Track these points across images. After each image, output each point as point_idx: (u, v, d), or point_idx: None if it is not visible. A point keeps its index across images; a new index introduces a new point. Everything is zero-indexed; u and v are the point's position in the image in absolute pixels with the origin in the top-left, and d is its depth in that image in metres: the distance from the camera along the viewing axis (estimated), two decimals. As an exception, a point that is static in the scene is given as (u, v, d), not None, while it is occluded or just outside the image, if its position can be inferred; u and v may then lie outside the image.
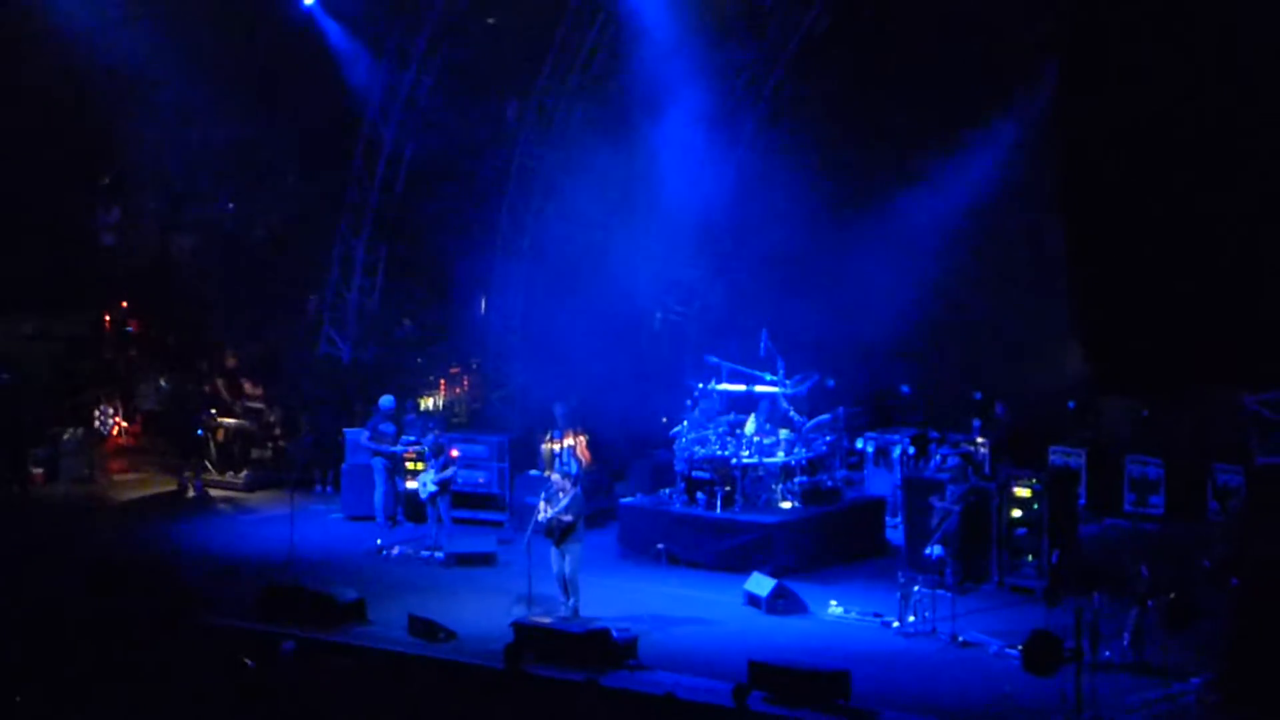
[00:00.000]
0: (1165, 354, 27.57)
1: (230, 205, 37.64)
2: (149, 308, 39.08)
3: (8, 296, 36.13)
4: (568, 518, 26.22)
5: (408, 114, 36.22)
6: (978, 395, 33.30)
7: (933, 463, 29.82)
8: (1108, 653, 24.05)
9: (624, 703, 22.81)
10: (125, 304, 39.08)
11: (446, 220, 36.73)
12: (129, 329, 39.25)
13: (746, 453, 30.21)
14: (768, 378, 31.26)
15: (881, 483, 32.56)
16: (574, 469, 28.38)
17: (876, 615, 26.61)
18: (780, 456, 30.23)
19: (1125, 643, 24.20)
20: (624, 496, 31.51)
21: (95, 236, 38.68)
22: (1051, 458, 31.62)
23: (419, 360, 36.94)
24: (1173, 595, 24.20)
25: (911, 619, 25.94)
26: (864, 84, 33.95)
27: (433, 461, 30.09)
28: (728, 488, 29.96)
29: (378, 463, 31.75)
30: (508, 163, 36.31)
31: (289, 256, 37.06)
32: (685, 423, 30.95)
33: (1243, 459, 29.26)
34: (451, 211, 36.74)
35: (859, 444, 32.88)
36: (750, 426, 30.70)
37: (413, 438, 31.73)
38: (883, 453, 32.77)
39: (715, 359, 31.62)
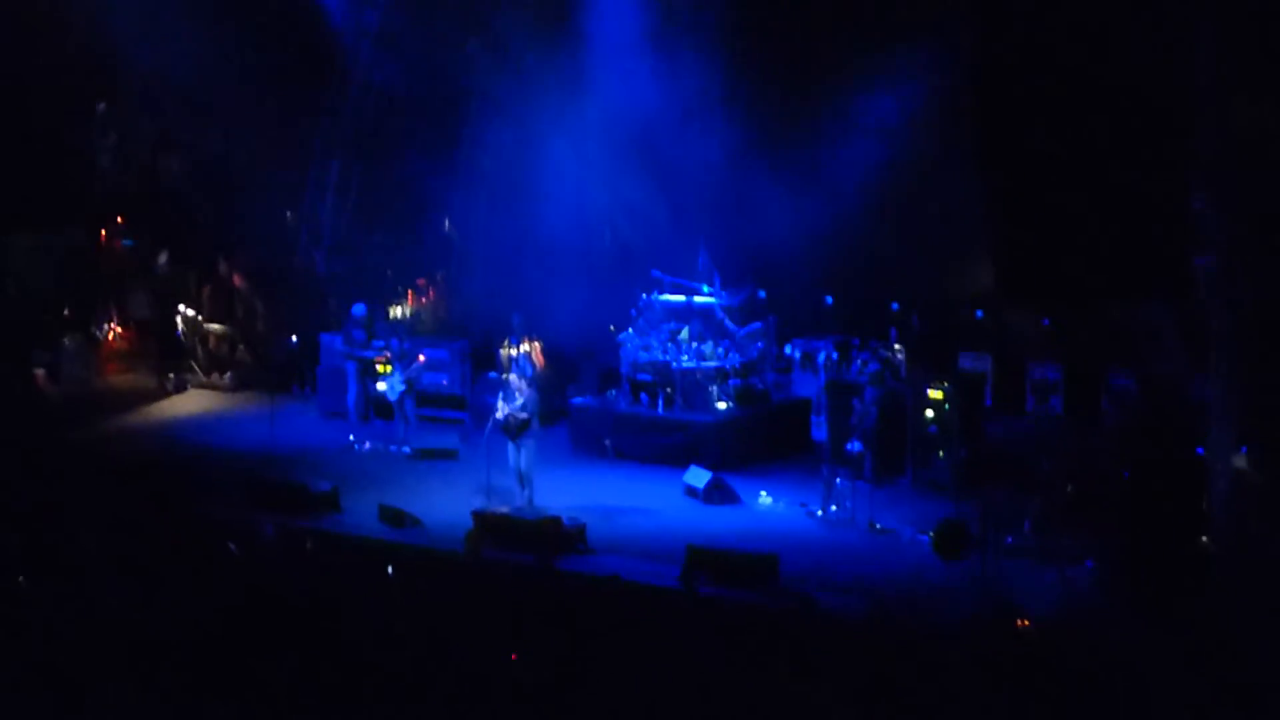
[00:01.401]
0: (1067, 267, 27.64)
1: (215, 130, 37.24)
2: (142, 223, 38.75)
3: (9, 212, 35.77)
4: (523, 416, 26.22)
5: (377, 47, 36.01)
6: (895, 305, 33.32)
7: (854, 367, 29.87)
8: (1010, 539, 24.20)
9: (574, 584, 22.89)
10: (120, 219, 38.71)
11: (414, 143, 36.49)
12: (124, 242, 38.91)
13: (685, 358, 30.26)
14: (705, 289, 31.28)
15: (807, 385, 32.54)
16: (529, 371, 28.25)
17: (802, 505, 26.74)
18: (715, 361, 30.26)
19: (1026, 529, 24.36)
20: (574, 397, 31.50)
21: (93, 157, 38.26)
22: (961, 362, 31.68)
23: (388, 272, 36.76)
24: (1069, 487, 24.39)
25: (834, 508, 26.08)
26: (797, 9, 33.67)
27: (399, 365, 30.01)
28: (668, 390, 30.01)
29: (350, 365, 31.64)
30: (468, 91, 36.08)
31: (269, 177, 36.74)
32: (630, 330, 30.98)
33: (1134, 365, 29.38)
34: (418, 135, 36.49)
35: (787, 350, 32.89)
36: (688, 334, 30.72)
37: (382, 343, 31.63)
38: (808, 358, 32.76)
39: (658, 272, 31.60)
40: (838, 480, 26.11)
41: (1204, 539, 21.98)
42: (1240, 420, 21.62)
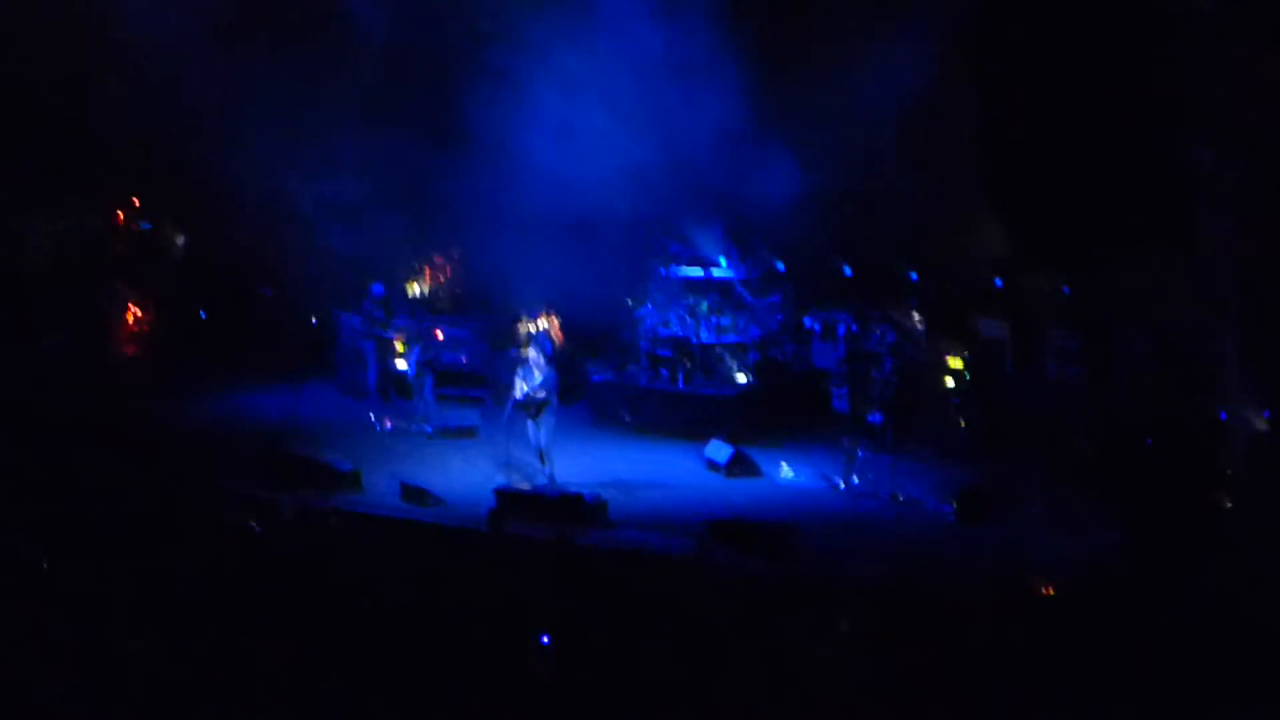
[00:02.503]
0: (1083, 230, 27.72)
1: (231, 109, 37.27)
2: (160, 205, 38.84)
3: (25, 193, 35.88)
4: (542, 393, 26.37)
5: (393, 20, 36.03)
6: (914, 275, 33.33)
7: (873, 338, 29.93)
8: (1033, 505, 24.31)
9: (597, 559, 23.00)
10: (136, 201, 38.82)
11: (429, 119, 36.51)
12: (140, 225, 39.03)
13: (704, 332, 30.35)
14: (723, 262, 31.35)
15: (827, 357, 32.63)
16: (548, 348, 28.44)
17: (824, 477, 26.87)
18: (735, 335, 30.34)
19: (1048, 495, 24.45)
20: (594, 373, 31.60)
21: (107, 138, 38.33)
22: (980, 330, 31.69)
23: (406, 250, 36.82)
24: (1090, 453, 24.48)
25: (856, 480, 26.19)
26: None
27: (417, 345, 30.15)
28: (688, 364, 30.12)
29: (369, 344, 31.84)
30: (483, 65, 36.10)
31: (285, 156, 36.80)
32: (649, 305, 31.06)
33: (1154, 328, 29.43)
34: (432, 111, 36.50)
35: (806, 322, 32.94)
36: (706, 307, 30.81)
37: (401, 321, 31.80)
38: (828, 329, 32.83)
39: (675, 246, 31.70)
40: (859, 451, 26.21)
41: (1226, 501, 22.08)
42: (1261, 383, 21.70)
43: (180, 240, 38.00)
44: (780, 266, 32.94)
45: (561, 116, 33.69)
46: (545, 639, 18.67)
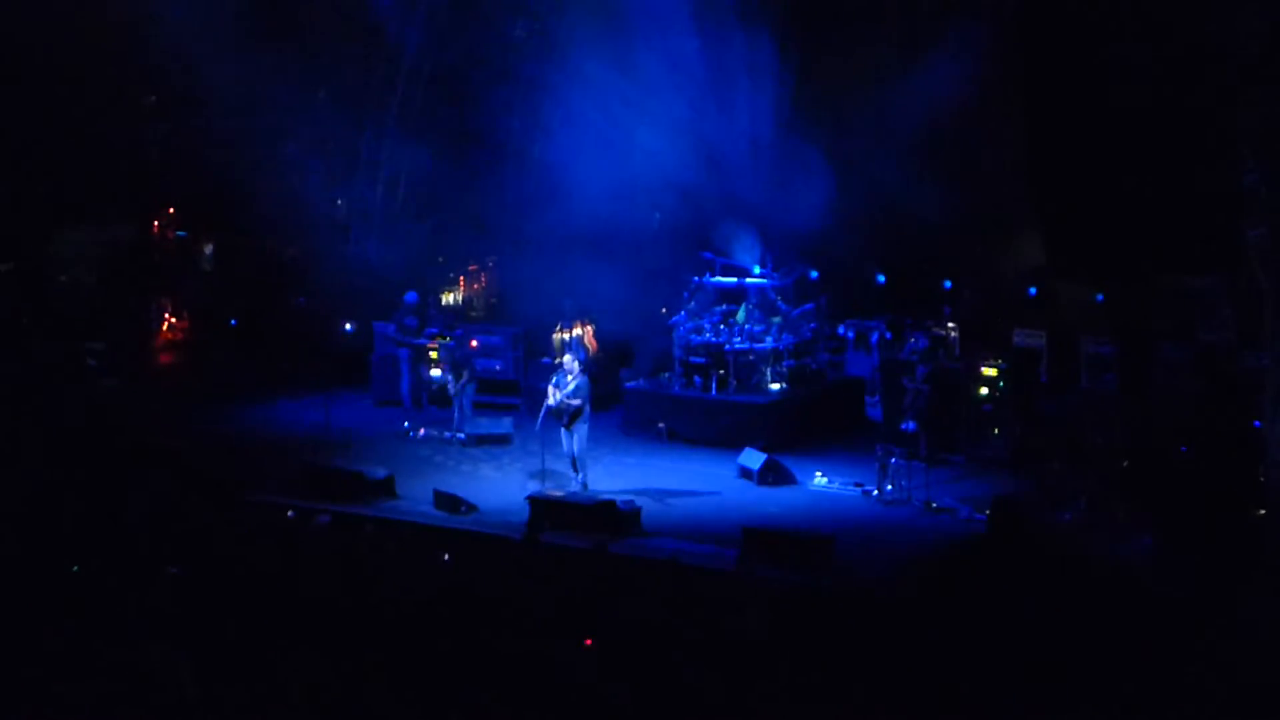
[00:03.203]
0: (1119, 241, 27.65)
1: (264, 119, 37.35)
2: (193, 214, 38.97)
3: (61, 204, 36.02)
4: (576, 401, 26.39)
5: (425, 31, 36.13)
6: (947, 283, 33.31)
7: (907, 346, 29.88)
8: (1068, 515, 24.25)
9: (631, 567, 22.99)
10: (171, 211, 38.96)
11: (462, 129, 36.59)
12: (176, 234, 39.17)
13: (738, 339, 30.36)
14: (756, 270, 31.38)
15: (861, 365, 32.70)
16: (582, 356, 28.47)
17: (858, 485, 26.82)
18: (769, 342, 30.34)
19: (1082, 505, 24.38)
20: (628, 380, 31.62)
21: (143, 150, 38.46)
22: (1015, 339, 31.63)
23: (440, 259, 36.91)
24: (1125, 463, 24.41)
25: (889, 488, 26.13)
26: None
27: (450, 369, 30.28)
28: (721, 371, 30.13)
29: (403, 353, 31.95)
30: (516, 75, 36.19)
31: (318, 166, 36.91)
32: (683, 313, 31.08)
33: (1188, 338, 29.35)
34: (467, 121, 36.58)
35: (840, 330, 32.99)
36: (741, 315, 30.83)
37: (435, 329, 31.89)
38: (862, 337, 32.88)
39: (709, 254, 31.74)
40: (893, 460, 26.17)
41: (1260, 511, 22.01)
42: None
43: (215, 250, 38.09)
44: (814, 275, 32.95)
45: (596, 126, 33.77)
46: (582, 645, 18.68)
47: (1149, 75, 25.43)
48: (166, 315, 37.84)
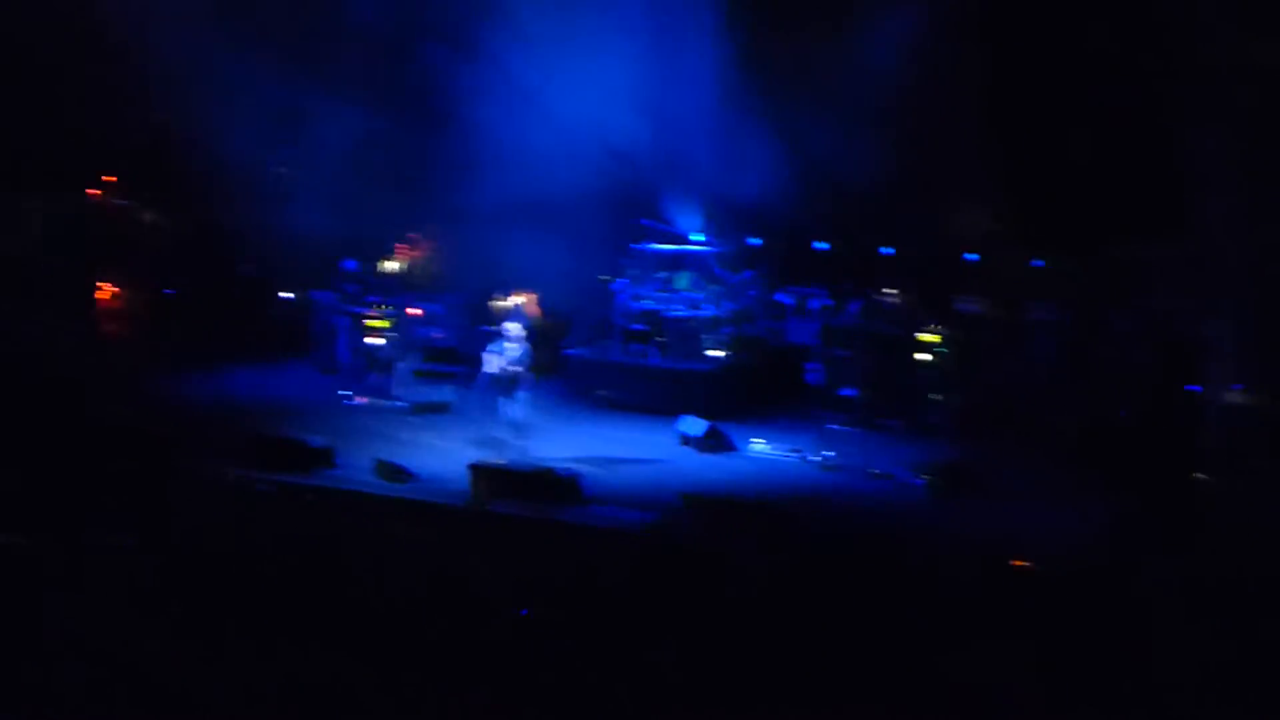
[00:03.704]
0: (1069, 209, 27.65)
1: (206, 87, 36.99)
2: (141, 185, 38.59)
3: (8, 174, 35.63)
4: (517, 368, 26.21)
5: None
6: (890, 250, 33.26)
7: (847, 312, 29.81)
8: (1011, 480, 24.24)
9: (572, 535, 22.88)
10: (113, 179, 38.55)
11: (407, 99, 36.33)
12: (117, 202, 38.77)
13: (678, 307, 30.25)
14: (698, 237, 31.25)
15: (801, 332, 32.57)
16: (523, 323, 28.27)
17: (798, 451, 26.74)
18: (709, 310, 30.25)
19: (1024, 471, 24.37)
20: (568, 348, 31.48)
21: (82, 120, 38.05)
22: (957, 306, 31.60)
23: (380, 226, 36.66)
24: (1067, 428, 24.40)
25: (830, 454, 26.06)
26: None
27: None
28: (662, 339, 30.02)
29: (343, 321, 31.71)
30: (456, 40, 35.90)
31: (259, 135, 36.59)
32: (623, 280, 30.96)
33: (1133, 306, 29.40)
34: (407, 88, 36.32)
35: (779, 297, 32.88)
36: (681, 282, 30.71)
37: (375, 298, 31.67)
38: (802, 304, 32.78)
39: (649, 221, 31.59)
40: (833, 426, 26.11)
41: (1201, 475, 22.01)
42: (1241, 358, 21.62)
43: (158, 219, 37.72)
44: (754, 242, 32.85)
45: (537, 93, 33.54)
46: (524, 613, 18.57)
47: (1094, 38, 25.37)
48: (107, 285, 37.44)
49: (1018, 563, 20.68)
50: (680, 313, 30.19)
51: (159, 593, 19.51)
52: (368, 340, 31.56)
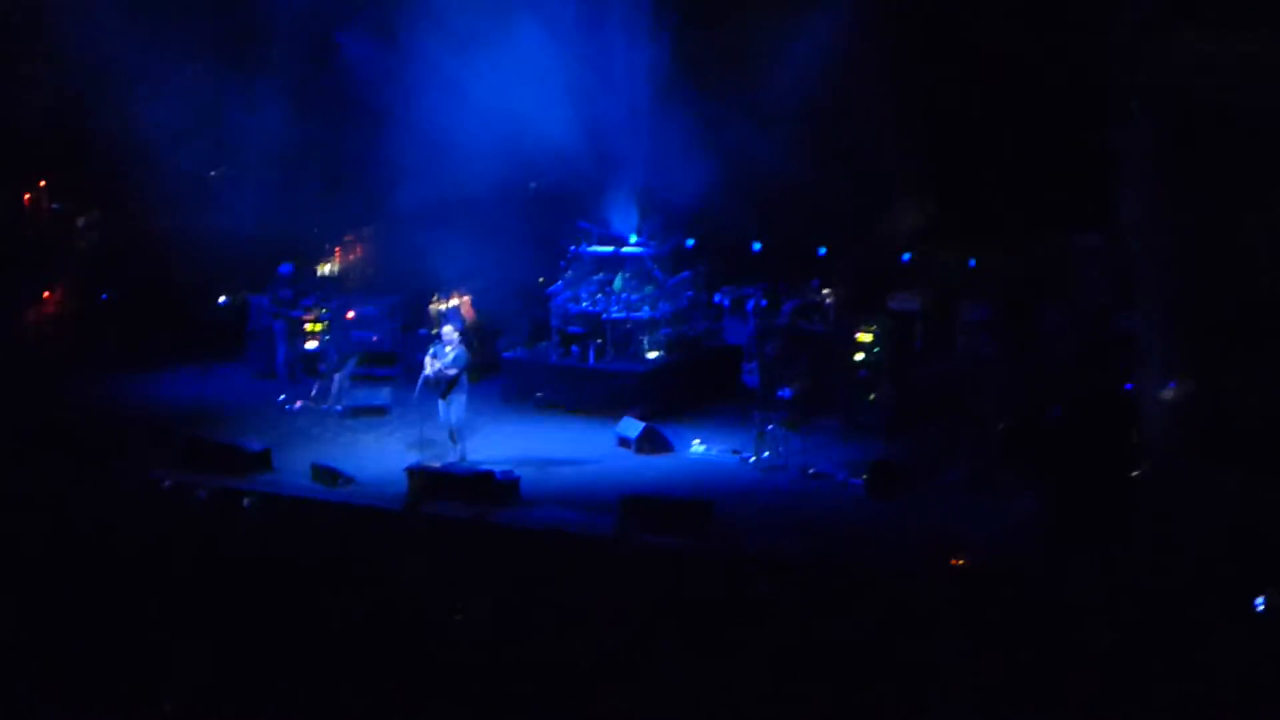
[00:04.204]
0: (995, 205, 27.75)
1: (140, 90, 36.77)
2: (69, 187, 38.30)
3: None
4: (453, 370, 26.15)
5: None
6: (822, 250, 33.34)
7: (783, 312, 29.84)
8: (946, 478, 24.31)
9: (511, 537, 22.84)
10: (44, 183, 38.25)
11: (336, 99, 36.20)
12: (51, 206, 38.48)
13: (615, 308, 30.22)
14: (633, 239, 31.22)
15: (737, 332, 32.65)
16: (459, 326, 28.23)
17: (735, 452, 26.75)
18: (646, 311, 30.21)
19: (959, 467, 24.42)
20: (505, 350, 31.42)
21: (18, 118, 37.76)
22: (890, 304, 31.70)
23: (315, 230, 36.51)
24: (1000, 425, 24.47)
25: (766, 454, 26.08)
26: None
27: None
28: (599, 340, 29.98)
29: (278, 325, 31.57)
30: (389, 42, 35.79)
31: (194, 136, 36.39)
32: (560, 282, 30.91)
33: (1063, 301, 29.53)
34: (340, 91, 36.19)
35: (716, 297, 32.91)
36: (618, 284, 30.68)
37: (310, 301, 31.55)
38: (738, 305, 32.84)
39: (586, 223, 31.56)
40: (770, 426, 26.12)
41: (1135, 471, 22.13)
42: (1167, 354, 21.74)
43: (91, 223, 37.44)
44: (690, 243, 32.85)
45: (472, 95, 33.43)
46: (459, 617, 18.53)
47: (1020, 41, 25.51)
48: (42, 289, 37.15)
49: (956, 561, 20.79)
50: (617, 314, 30.14)
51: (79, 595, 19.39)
52: (304, 344, 31.42)
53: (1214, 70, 20.86)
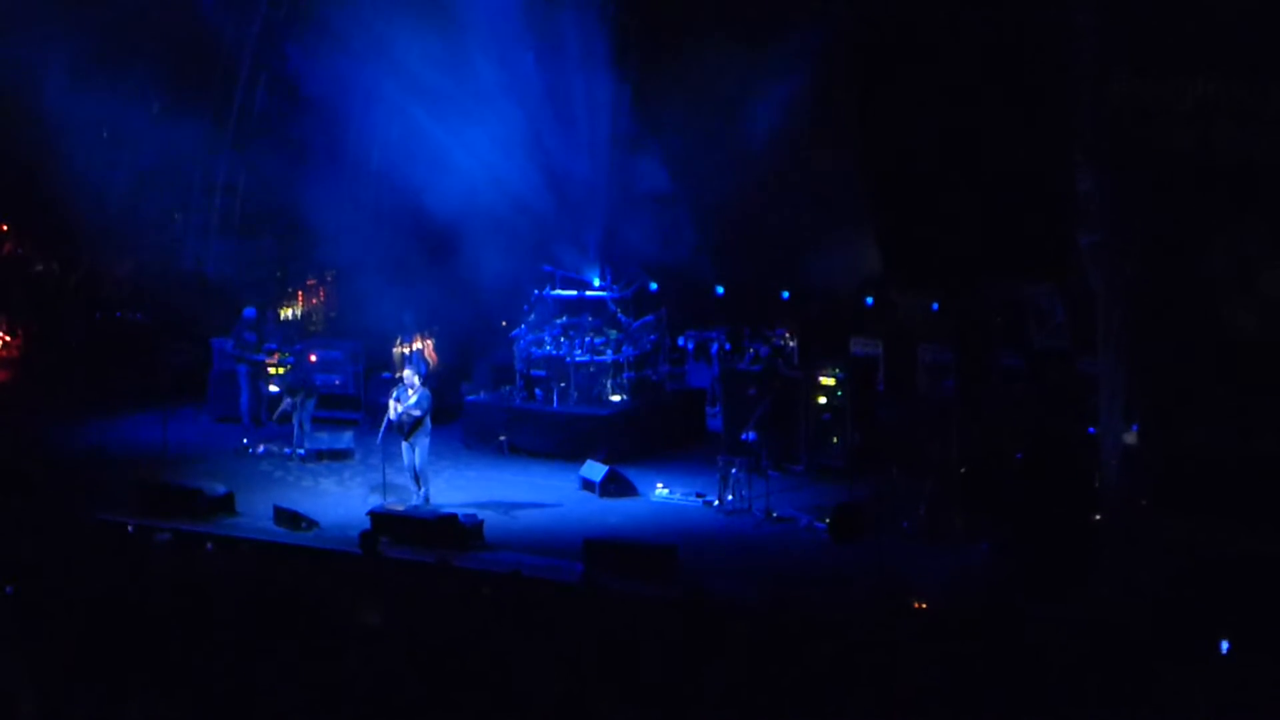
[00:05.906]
0: (953, 250, 27.87)
1: (100, 132, 36.76)
2: (22, 229, 38.24)
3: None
4: (417, 413, 26.16)
5: (260, 44, 35.85)
6: (785, 295, 33.48)
7: (746, 356, 29.94)
8: (906, 523, 24.39)
9: (474, 581, 22.83)
10: (4, 228, 38.23)
11: (299, 143, 36.26)
12: (13, 251, 38.43)
13: (579, 352, 30.29)
14: (596, 283, 31.34)
15: (701, 376, 32.80)
16: (423, 369, 28.26)
17: (699, 495, 26.79)
18: (609, 354, 30.29)
19: (921, 512, 24.50)
20: (468, 394, 31.47)
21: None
22: (852, 349, 31.85)
23: (278, 274, 36.55)
24: (962, 469, 24.56)
25: (730, 498, 26.13)
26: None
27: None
28: (563, 384, 30.06)
29: (241, 369, 31.60)
30: (354, 86, 35.86)
31: (155, 180, 36.40)
32: (523, 326, 30.99)
33: (1023, 345, 29.71)
34: (303, 135, 36.26)
35: (680, 341, 33.03)
36: (583, 328, 30.77)
37: (273, 345, 31.57)
38: (702, 349, 32.98)
39: (549, 267, 31.66)
40: (734, 470, 26.18)
41: (1095, 516, 22.24)
42: (1128, 398, 21.85)
43: (52, 266, 37.41)
44: (654, 287, 32.98)
45: (435, 140, 33.55)
46: (419, 662, 18.48)
47: (981, 84, 25.64)
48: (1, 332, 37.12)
49: (918, 605, 20.86)
50: (581, 358, 30.22)
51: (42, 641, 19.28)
52: (268, 387, 31.45)
53: (1167, 114, 21.08)
